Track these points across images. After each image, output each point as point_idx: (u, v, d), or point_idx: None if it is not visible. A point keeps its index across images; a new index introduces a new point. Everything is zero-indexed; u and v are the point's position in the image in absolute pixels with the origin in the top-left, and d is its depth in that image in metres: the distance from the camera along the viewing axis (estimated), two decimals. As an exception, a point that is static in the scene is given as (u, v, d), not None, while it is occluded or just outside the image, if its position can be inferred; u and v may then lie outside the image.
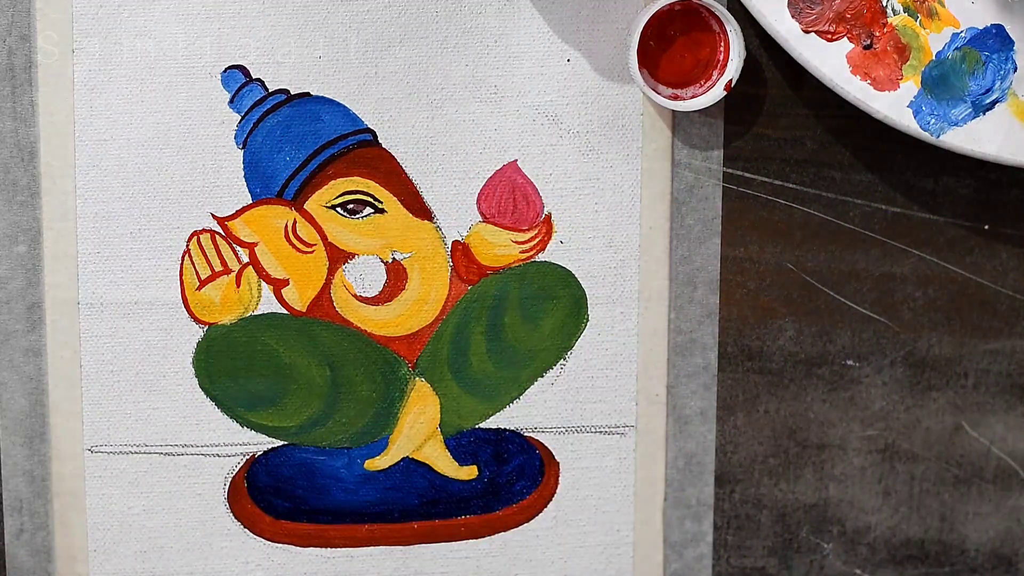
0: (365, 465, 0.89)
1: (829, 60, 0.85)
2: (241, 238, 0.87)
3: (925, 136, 0.85)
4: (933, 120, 0.85)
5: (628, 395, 0.90)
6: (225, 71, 0.86)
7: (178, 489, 0.89)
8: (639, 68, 0.85)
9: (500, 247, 0.88)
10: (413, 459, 0.90)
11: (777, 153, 0.89)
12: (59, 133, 0.85)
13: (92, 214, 0.86)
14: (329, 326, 0.88)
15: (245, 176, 0.87)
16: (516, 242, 0.88)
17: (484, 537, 0.91)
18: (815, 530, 0.92)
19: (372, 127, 0.87)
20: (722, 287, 0.90)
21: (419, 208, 0.88)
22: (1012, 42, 0.86)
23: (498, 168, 0.88)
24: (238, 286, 0.87)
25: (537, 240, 0.88)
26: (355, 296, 0.88)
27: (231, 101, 0.86)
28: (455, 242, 0.88)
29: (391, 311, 0.88)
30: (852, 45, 0.85)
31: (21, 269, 0.86)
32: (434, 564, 0.90)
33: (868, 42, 0.85)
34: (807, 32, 0.85)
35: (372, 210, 0.87)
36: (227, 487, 0.89)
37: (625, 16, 0.87)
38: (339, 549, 0.90)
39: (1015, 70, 0.86)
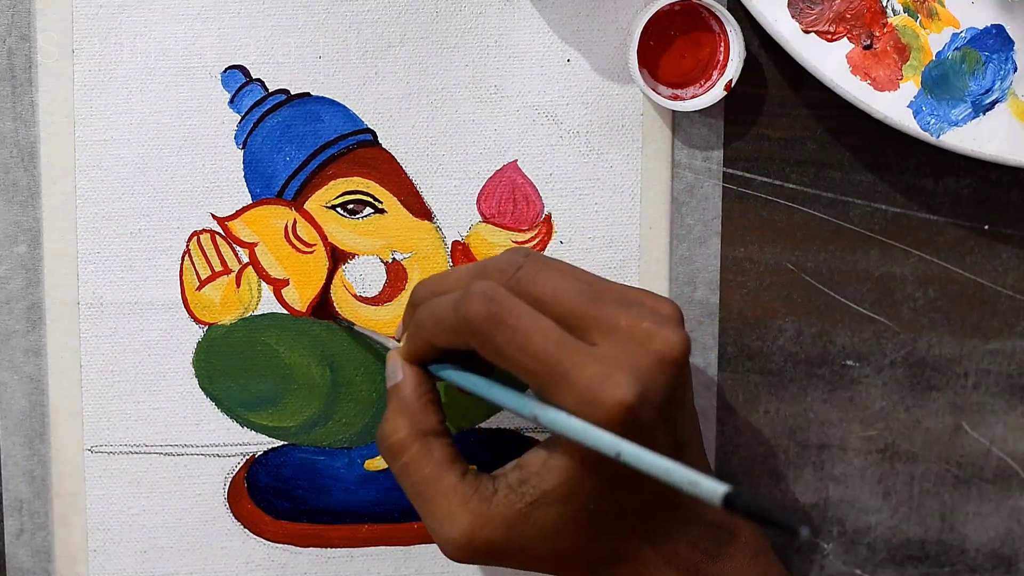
0: (365, 465, 0.89)
1: (829, 60, 0.85)
2: (241, 238, 0.87)
3: (925, 136, 0.85)
4: (933, 120, 0.85)
5: (628, 395, 0.90)
6: (225, 71, 0.86)
7: (178, 489, 0.89)
8: (639, 68, 0.85)
9: (500, 247, 0.88)
10: (413, 459, 0.90)
11: (777, 153, 0.89)
12: (59, 133, 0.85)
13: (92, 214, 0.86)
14: (329, 326, 0.88)
15: (245, 176, 0.87)
16: (516, 242, 0.88)
17: (484, 537, 0.91)
18: (815, 530, 0.92)
19: (372, 127, 0.87)
20: (722, 287, 0.90)
21: (419, 208, 0.88)
22: (1012, 42, 0.86)
23: (498, 168, 0.88)
24: (238, 286, 0.87)
25: (537, 240, 0.88)
26: (355, 296, 0.88)
27: (231, 101, 0.86)
28: (455, 242, 0.88)
29: (391, 311, 0.88)
30: (852, 45, 0.85)
31: (21, 269, 0.86)
32: (434, 564, 0.90)
33: (868, 42, 0.85)
34: (807, 32, 0.85)
35: (372, 210, 0.87)
36: (227, 487, 0.89)
37: (625, 16, 0.87)
38: (339, 549, 0.90)
39: (1015, 70, 0.86)
